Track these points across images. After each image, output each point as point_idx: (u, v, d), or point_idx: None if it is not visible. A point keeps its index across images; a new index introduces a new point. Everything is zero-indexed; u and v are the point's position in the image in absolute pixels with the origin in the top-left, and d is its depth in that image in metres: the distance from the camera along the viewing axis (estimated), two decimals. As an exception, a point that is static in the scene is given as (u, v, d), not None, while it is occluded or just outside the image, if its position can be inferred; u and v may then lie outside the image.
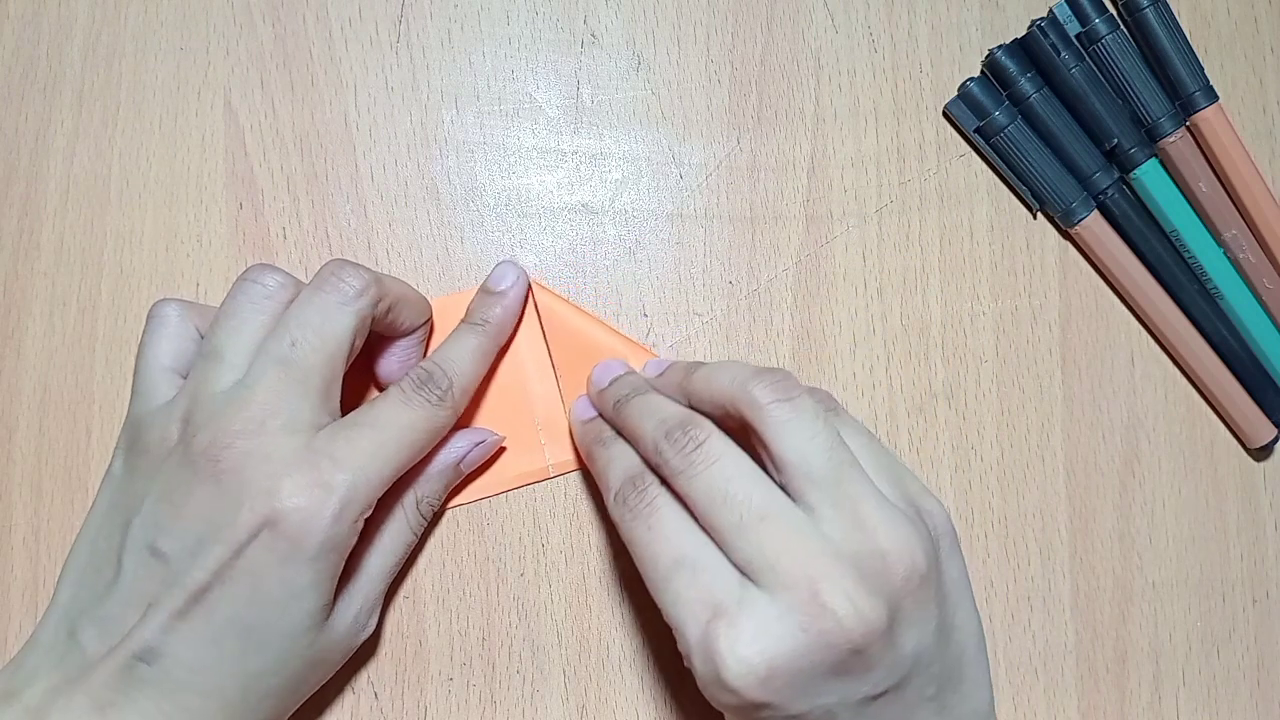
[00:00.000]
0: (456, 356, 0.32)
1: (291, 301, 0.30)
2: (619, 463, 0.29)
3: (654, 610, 0.34)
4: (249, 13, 0.36)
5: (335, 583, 0.28)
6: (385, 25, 0.36)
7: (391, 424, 0.29)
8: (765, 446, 0.27)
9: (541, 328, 0.35)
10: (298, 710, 0.31)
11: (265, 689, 0.28)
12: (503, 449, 0.34)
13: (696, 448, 0.27)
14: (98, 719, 0.26)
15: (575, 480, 0.35)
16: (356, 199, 0.35)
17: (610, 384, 0.32)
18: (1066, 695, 0.36)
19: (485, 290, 0.34)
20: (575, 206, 0.36)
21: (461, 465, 0.33)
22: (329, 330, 0.29)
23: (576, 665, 0.34)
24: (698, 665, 0.26)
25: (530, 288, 0.35)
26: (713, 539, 0.27)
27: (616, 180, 0.36)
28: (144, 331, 0.31)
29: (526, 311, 0.35)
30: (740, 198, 0.36)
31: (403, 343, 0.33)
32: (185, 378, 0.30)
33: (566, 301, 0.35)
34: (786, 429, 0.27)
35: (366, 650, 0.34)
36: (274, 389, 0.28)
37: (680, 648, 0.26)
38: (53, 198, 0.35)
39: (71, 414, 0.34)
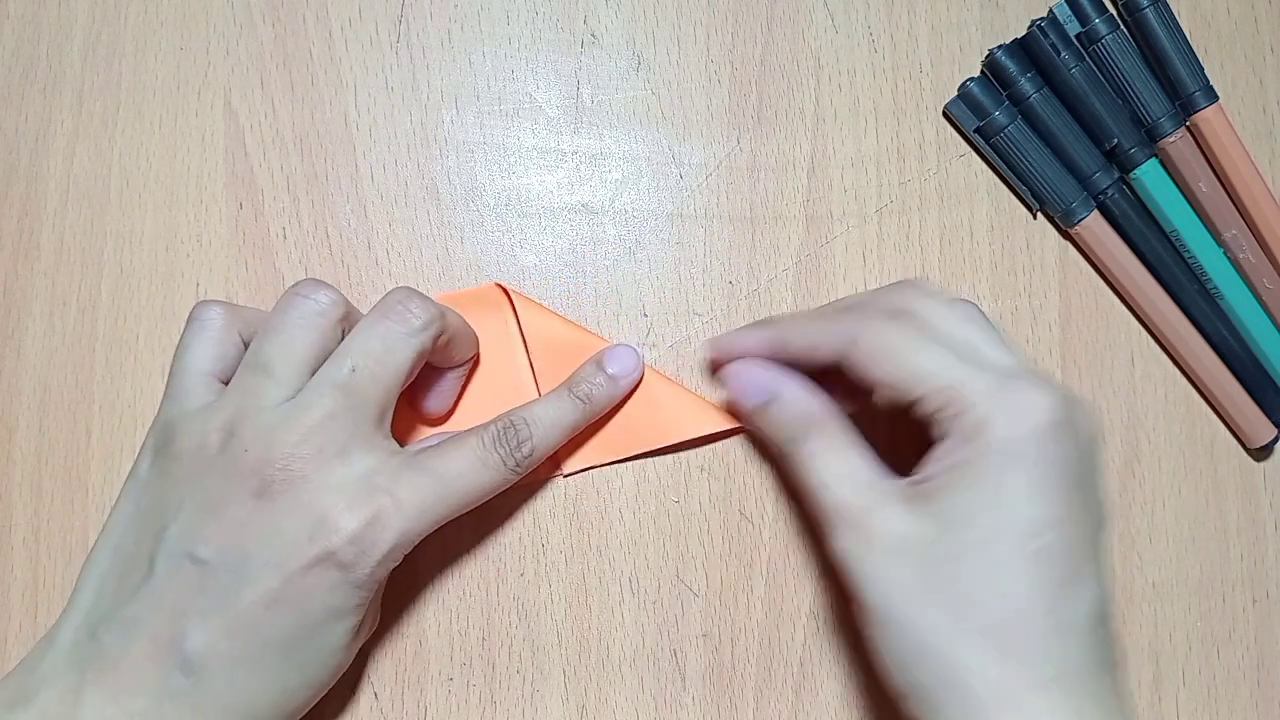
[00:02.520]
0: (547, 423, 0.32)
1: (341, 320, 0.29)
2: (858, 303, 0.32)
3: (652, 611, 0.34)
4: (249, 13, 0.36)
5: (368, 603, 0.29)
6: (385, 25, 0.36)
7: (460, 479, 0.29)
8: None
9: (522, 335, 0.34)
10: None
11: (296, 706, 0.28)
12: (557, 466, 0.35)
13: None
14: None
15: (575, 480, 0.35)
16: (356, 199, 0.36)
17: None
18: (1066, 695, 0.36)
19: (599, 364, 0.33)
20: (575, 206, 0.36)
21: None
22: (390, 360, 0.28)
23: (576, 665, 0.34)
24: (1003, 401, 0.27)
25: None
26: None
27: (616, 180, 0.36)
28: (184, 332, 0.30)
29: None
30: (740, 198, 0.36)
31: (447, 374, 0.33)
32: (224, 383, 0.29)
33: (544, 308, 0.35)
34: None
35: (366, 650, 0.34)
36: (331, 414, 0.27)
37: (960, 406, 0.27)
38: (53, 198, 0.35)
39: (71, 414, 0.34)
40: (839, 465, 0.29)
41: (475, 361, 0.34)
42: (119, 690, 0.26)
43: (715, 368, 0.35)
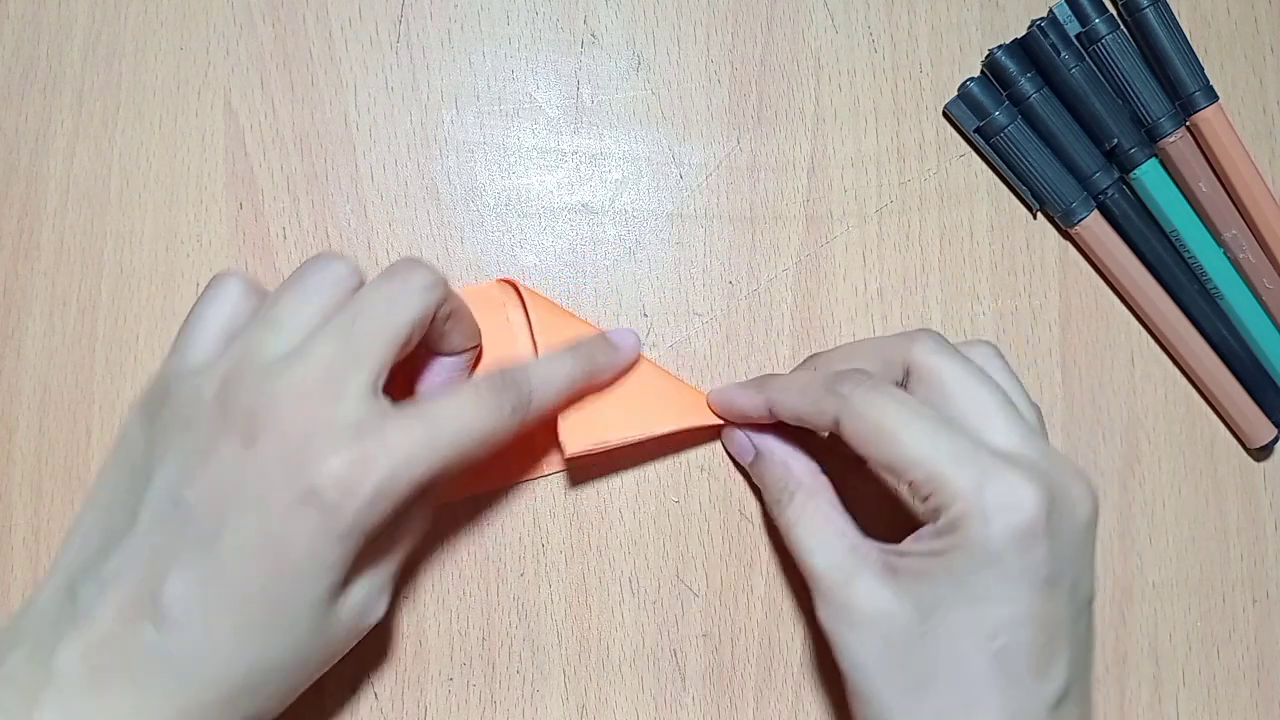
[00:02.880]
0: (548, 374, 0.31)
1: (355, 289, 0.29)
2: (836, 356, 0.32)
3: (652, 611, 0.34)
4: (249, 13, 0.36)
5: (354, 562, 0.27)
6: (385, 25, 0.36)
7: (452, 422, 0.28)
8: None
9: (530, 328, 0.34)
10: (297, 709, 0.31)
11: (270, 665, 0.27)
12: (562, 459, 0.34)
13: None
14: (90, 696, 0.25)
15: (575, 480, 0.35)
16: (356, 199, 0.36)
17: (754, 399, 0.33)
18: (1066, 695, 0.36)
19: (603, 336, 0.33)
20: (575, 206, 0.36)
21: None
22: (392, 316, 0.28)
23: (576, 665, 0.34)
24: (980, 500, 0.26)
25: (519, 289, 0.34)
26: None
27: (616, 180, 0.36)
28: (201, 295, 0.30)
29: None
30: (740, 198, 0.36)
31: (448, 363, 0.32)
32: None
33: (552, 303, 0.35)
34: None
35: (366, 650, 0.34)
36: (327, 361, 0.27)
37: (940, 499, 0.27)
38: (53, 198, 0.35)
39: (71, 414, 0.34)
40: (819, 532, 0.30)
41: (478, 358, 0.34)
42: (89, 646, 0.25)
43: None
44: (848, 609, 0.28)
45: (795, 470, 0.32)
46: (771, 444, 0.33)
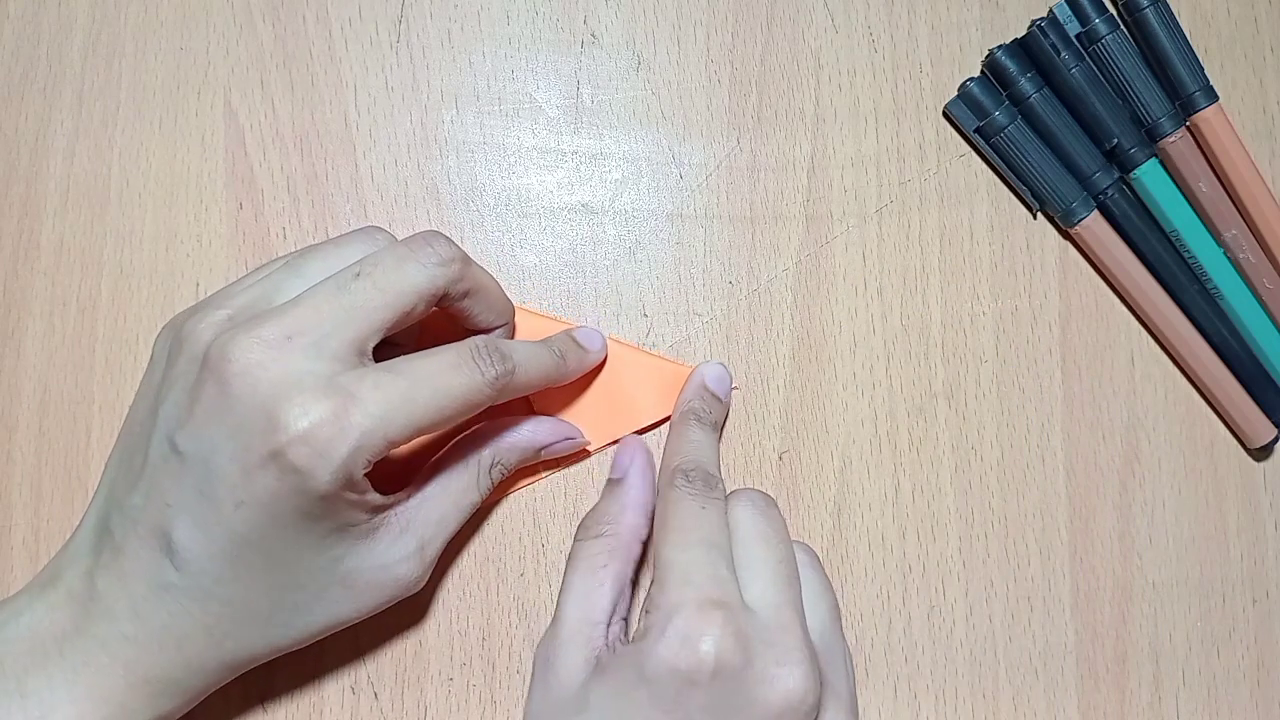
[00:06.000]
0: (527, 354, 0.30)
1: None
2: (704, 450, 0.32)
3: (654, 610, 0.34)
4: (249, 13, 0.36)
5: (354, 510, 0.27)
6: (385, 25, 0.36)
7: (429, 383, 0.27)
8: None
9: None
10: (294, 710, 0.31)
11: (295, 603, 0.28)
12: (587, 452, 0.35)
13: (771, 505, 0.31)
14: (133, 621, 0.26)
15: (575, 480, 0.35)
16: (356, 199, 0.36)
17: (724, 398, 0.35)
18: (1066, 695, 0.36)
19: (568, 334, 0.33)
20: (575, 206, 0.36)
21: (543, 452, 0.33)
22: (398, 279, 0.28)
23: (576, 665, 0.34)
24: (667, 620, 0.27)
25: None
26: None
27: (616, 180, 0.36)
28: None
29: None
30: (740, 198, 0.37)
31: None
32: None
33: (524, 307, 0.35)
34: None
35: (367, 650, 0.34)
36: (316, 308, 0.27)
37: (648, 604, 0.28)
38: (53, 198, 0.35)
39: (71, 414, 0.34)
40: (590, 586, 0.30)
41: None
42: (124, 575, 0.27)
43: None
44: (549, 660, 0.29)
45: (626, 520, 0.31)
46: (634, 481, 0.33)
